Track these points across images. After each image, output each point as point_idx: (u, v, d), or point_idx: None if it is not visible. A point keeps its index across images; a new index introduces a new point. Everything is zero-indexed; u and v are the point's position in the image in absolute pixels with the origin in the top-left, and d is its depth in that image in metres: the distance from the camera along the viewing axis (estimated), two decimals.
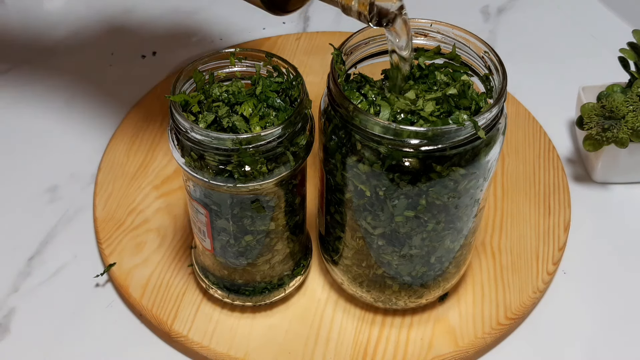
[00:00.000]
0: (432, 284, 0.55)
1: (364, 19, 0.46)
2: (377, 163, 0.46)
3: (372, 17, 0.45)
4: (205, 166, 0.47)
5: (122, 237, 0.63)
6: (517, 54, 0.84)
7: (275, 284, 0.57)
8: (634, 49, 0.67)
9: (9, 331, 0.59)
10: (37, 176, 0.70)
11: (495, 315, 0.58)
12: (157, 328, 0.58)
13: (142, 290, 0.59)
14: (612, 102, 0.64)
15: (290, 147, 0.48)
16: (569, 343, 0.59)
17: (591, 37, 0.88)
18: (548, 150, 0.72)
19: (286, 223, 0.53)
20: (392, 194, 0.47)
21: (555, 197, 0.67)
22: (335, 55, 0.50)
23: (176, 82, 0.49)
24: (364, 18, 0.46)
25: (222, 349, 0.56)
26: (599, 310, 0.61)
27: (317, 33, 0.85)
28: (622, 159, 0.67)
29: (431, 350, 0.56)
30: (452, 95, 0.49)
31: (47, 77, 0.80)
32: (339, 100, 0.47)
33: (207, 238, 0.53)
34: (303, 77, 0.51)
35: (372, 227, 0.50)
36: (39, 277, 0.62)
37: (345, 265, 0.56)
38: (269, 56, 0.52)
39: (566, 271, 0.64)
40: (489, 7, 0.92)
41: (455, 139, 0.45)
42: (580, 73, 0.81)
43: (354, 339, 0.57)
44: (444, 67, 0.52)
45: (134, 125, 0.73)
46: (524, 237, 0.64)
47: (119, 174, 0.69)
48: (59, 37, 0.86)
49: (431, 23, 0.52)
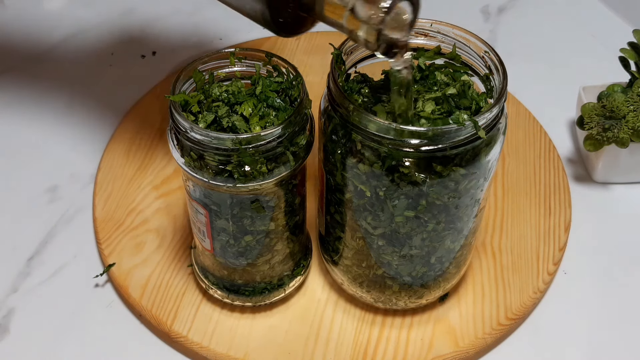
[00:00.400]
0: (433, 284, 0.55)
1: (372, 47, 0.45)
2: (377, 163, 0.46)
3: (379, 46, 0.44)
4: (205, 166, 0.47)
5: (122, 237, 0.63)
6: (517, 54, 0.84)
7: (275, 284, 0.57)
8: (634, 49, 0.67)
9: (8, 331, 0.58)
10: (37, 176, 0.70)
11: (496, 315, 0.58)
12: (157, 328, 0.58)
13: (141, 291, 0.59)
14: (612, 102, 0.64)
15: (290, 147, 0.48)
16: (570, 343, 0.59)
17: (591, 37, 0.88)
18: (548, 150, 0.71)
19: (286, 223, 0.53)
20: (392, 194, 0.47)
21: (555, 197, 0.67)
22: (335, 55, 0.49)
23: (176, 82, 0.49)
24: (372, 47, 0.45)
25: (222, 350, 0.56)
26: (599, 311, 0.61)
27: (317, 33, 0.84)
28: (623, 159, 0.67)
29: (431, 350, 0.56)
30: (452, 95, 0.49)
31: (47, 78, 0.80)
32: (339, 100, 0.47)
33: (207, 238, 0.53)
34: (303, 77, 0.51)
35: (372, 228, 0.50)
36: (38, 277, 0.62)
37: (345, 265, 0.56)
38: (269, 56, 0.52)
39: (567, 271, 0.63)
40: (489, 7, 0.92)
41: (456, 139, 0.45)
42: (580, 73, 0.81)
43: (354, 340, 0.57)
44: (444, 67, 0.52)
45: (134, 125, 0.73)
46: (525, 237, 0.64)
47: (118, 174, 0.68)
48: (59, 37, 0.86)
49: (431, 23, 0.52)
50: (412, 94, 0.46)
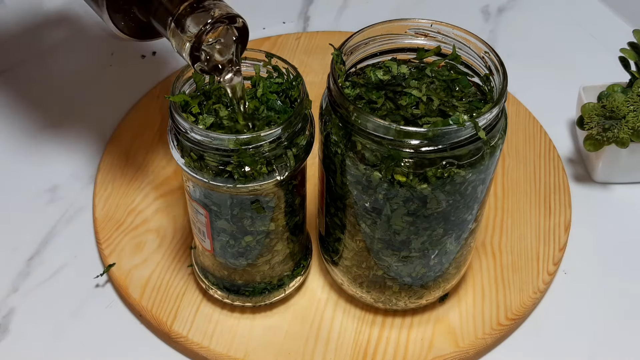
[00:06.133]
0: (432, 285, 0.55)
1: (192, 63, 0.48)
2: (377, 164, 0.46)
3: (193, 63, 0.47)
4: (205, 167, 0.47)
5: (122, 237, 0.63)
6: (517, 54, 0.84)
7: (275, 285, 0.57)
8: (634, 49, 0.67)
9: (8, 331, 0.58)
10: (37, 176, 0.70)
11: (496, 315, 0.58)
12: (157, 328, 0.58)
13: (141, 291, 0.59)
14: (612, 102, 0.64)
15: (290, 148, 0.48)
16: (570, 343, 0.59)
17: (591, 37, 0.87)
18: (548, 150, 0.71)
19: (286, 223, 0.53)
20: (392, 195, 0.47)
21: (555, 197, 0.67)
22: (335, 55, 0.49)
23: (176, 82, 0.49)
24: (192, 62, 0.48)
25: (222, 350, 0.56)
26: (599, 311, 0.61)
27: (317, 33, 0.85)
28: (623, 159, 0.67)
29: (431, 350, 0.56)
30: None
31: (47, 77, 0.80)
32: (339, 100, 0.47)
33: (207, 238, 0.53)
34: (303, 77, 0.51)
35: (372, 228, 0.50)
36: (38, 277, 0.62)
37: (345, 266, 0.56)
38: (269, 56, 0.52)
39: (567, 271, 0.63)
40: (489, 7, 0.92)
41: (456, 139, 0.45)
42: (580, 73, 0.81)
43: (354, 340, 0.57)
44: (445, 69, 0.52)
45: (134, 126, 0.73)
46: (525, 237, 0.64)
47: (118, 174, 0.68)
48: (59, 37, 0.86)
49: (431, 23, 0.52)
50: (242, 107, 0.49)
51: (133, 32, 0.53)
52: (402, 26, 0.52)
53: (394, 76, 0.51)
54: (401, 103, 0.48)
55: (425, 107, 0.48)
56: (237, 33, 0.47)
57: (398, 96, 0.49)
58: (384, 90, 0.50)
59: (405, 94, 0.49)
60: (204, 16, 0.46)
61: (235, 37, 0.47)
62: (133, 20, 0.51)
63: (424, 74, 0.51)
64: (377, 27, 0.51)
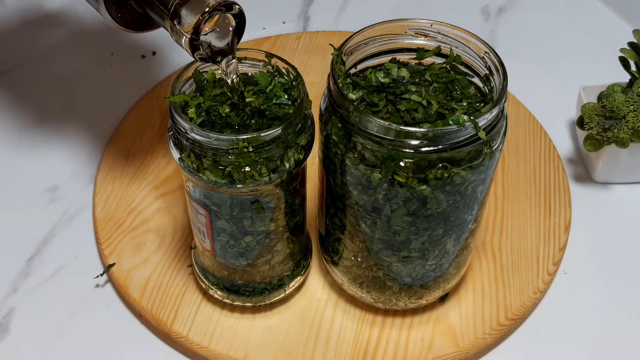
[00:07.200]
0: (432, 285, 0.55)
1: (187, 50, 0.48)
2: (377, 164, 0.46)
3: (193, 50, 0.47)
4: (204, 167, 0.47)
5: (122, 237, 0.63)
6: (517, 54, 0.84)
7: (275, 285, 0.57)
8: (634, 49, 0.67)
9: (8, 331, 0.58)
10: (37, 176, 0.70)
11: (496, 315, 0.58)
12: (157, 328, 0.58)
13: (141, 291, 0.59)
14: (612, 102, 0.64)
15: (290, 148, 0.48)
16: (570, 343, 0.59)
17: (591, 37, 0.87)
18: (548, 150, 0.71)
19: (286, 224, 0.53)
20: (392, 195, 0.47)
21: (555, 197, 0.67)
22: (335, 55, 0.49)
23: (176, 82, 0.49)
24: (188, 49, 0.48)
25: (222, 350, 0.56)
26: (599, 311, 0.61)
27: (317, 33, 0.85)
28: (623, 159, 0.67)
29: (431, 350, 0.56)
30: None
31: (47, 77, 0.80)
32: (339, 100, 0.47)
33: (207, 239, 0.53)
34: (303, 77, 0.51)
35: (372, 229, 0.50)
36: (38, 278, 0.62)
37: (345, 266, 0.56)
38: (269, 56, 0.52)
39: (567, 271, 0.63)
40: (489, 7, 0.92)
41: (456, 139, 0.45)
42: (580, 73, 0.81)
43: (354, 340, 0.57)
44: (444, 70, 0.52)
45: (134, 126, 0.73)
46: (525, 237, 0.64)
47: (118, 174, 0.68)
48: (59, 37, 0.86)
49: (431, 23, 0.52)
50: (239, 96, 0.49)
51: (130, 24, 0.53)
52: (402, 26, 0.52)
53: (394, 79, 0.51)
54: (400, 107, 0.49)
55: (424, 111, 0.48)
56: (233, 20, 0.48)
57: (398, 99, 0.49)
58: (384, 92, 0.50)
59: (405, 98, 0.49)
60: (200, 5, 0.46)
61: (231, 26, 0.48)
62: (130, 11, 0.51)
63: (424, 78, 0.51)
64: (377, 27, 0.51)
